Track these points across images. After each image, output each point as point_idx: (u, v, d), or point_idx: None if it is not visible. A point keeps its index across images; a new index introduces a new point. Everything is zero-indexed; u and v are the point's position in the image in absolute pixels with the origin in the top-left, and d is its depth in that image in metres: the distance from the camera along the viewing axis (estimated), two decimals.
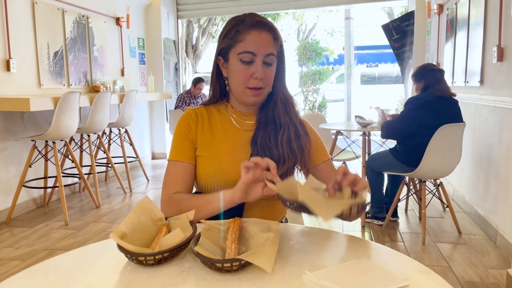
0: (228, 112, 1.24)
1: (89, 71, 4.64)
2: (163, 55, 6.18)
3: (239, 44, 1.13)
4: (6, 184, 3.48)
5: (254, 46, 1.12)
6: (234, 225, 0.90)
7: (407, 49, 5.67)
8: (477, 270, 2.46)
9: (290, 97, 1.24)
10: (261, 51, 1.12)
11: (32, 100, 3.05)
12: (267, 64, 1.14)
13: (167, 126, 6.24)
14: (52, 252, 2.79)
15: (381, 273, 0.78)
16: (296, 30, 13.20)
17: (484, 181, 3.17)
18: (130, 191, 4.39)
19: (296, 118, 1.22)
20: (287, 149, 1.15)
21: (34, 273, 0.83)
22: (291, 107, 1.22)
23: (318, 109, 9.97)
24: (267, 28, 1.14)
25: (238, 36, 1.14)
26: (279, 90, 1.21)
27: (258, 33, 1.13)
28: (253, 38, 1.13)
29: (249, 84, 1.14)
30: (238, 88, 1.17)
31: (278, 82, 1.21)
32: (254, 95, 1.16)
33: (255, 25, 1.13)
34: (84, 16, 4.53)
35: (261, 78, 1.13)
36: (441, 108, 2.87)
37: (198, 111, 1.25)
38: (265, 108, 1.21)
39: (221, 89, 1.24)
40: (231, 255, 0.80)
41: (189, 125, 1.22)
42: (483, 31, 3.18)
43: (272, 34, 1.15)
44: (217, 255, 0.83)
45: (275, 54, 1.16)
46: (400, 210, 3.52)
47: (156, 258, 0.82)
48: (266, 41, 1.14)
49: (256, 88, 1.15)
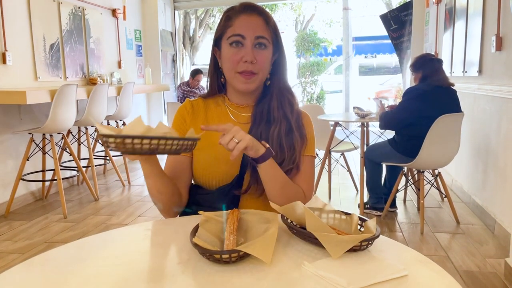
0: (225, 104, 1.22)
1: (86, 63, 4.61)
2: (160, 47, 6.14)
3: (229, 30, 1.12)
4: (4, 178, 3.48)
5: (242, 29, 1.10)
6: (232, 217, 0.90)
7: (405, 39, 5.65)
8: (475, 259, 2.47)
9: (288, 90, 1.20)
10: (250, 33, 1.10)
11: (28, 93, 3.03)
12: (259, 47, 1.11)
13: (165, 118, 6.23)
14: (51, 245, 2.80)
15: (380, 263, 0.78)
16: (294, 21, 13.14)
17: (482, 171, 3.18)
18: (129, 184, 4.38)
19: (292, 112, 1.18)
20: (276, 146, 1.14)
21: (32, 266, 0.82)
22: (286, 101, 1.18)
23: (317, 101, 9.95)
24: (256, 11, 1.12)
25: (228, 22, 1.13)
26: (276, 83, 1.18)
27: (247, 16, 1.12)
28: (241, 22, 1.11)
29: (239, 68, 1.11)
30: (229, 74, 1.14)
31: (275, 75, 1.18)
32: (245, 82, 1.12)
33: (244, 9, 1.12)
34: (80, 7, 4.49)
35: (251, 61, 1.09)
36: (440, 98, 2.86)
37: (195, 103, 1.24)
38: (262, 102, 1.19)
39: (219, 81, 1.23)
40: (230, 246, 0.80)
41: (184, 119, 1.22)
42: (482, 21, 3.16)
43: (263, 17, 1.12)
44: (216, 247, 0.82)
45: (268, 39, 1.12)
46: (399, 200, 3.53)
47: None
48: (255, 23, 1.11)
49: (246, 72, 1.11)
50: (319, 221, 0.85)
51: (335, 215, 0.94)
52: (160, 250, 0.91)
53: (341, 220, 0.93)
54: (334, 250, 0.80)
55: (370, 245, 0.84)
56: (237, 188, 1.15)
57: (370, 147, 3.33)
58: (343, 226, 0.92)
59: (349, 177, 4.08)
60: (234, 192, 1.14)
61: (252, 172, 1.13)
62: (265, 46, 1.12)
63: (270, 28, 1.13)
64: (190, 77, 5.70)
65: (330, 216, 0.94)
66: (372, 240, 0.84)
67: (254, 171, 1.12)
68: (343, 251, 0.80)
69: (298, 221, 0.91)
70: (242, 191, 1.15)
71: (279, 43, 1.17)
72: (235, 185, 1.14)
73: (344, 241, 0.81)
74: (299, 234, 0.89)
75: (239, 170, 1.14)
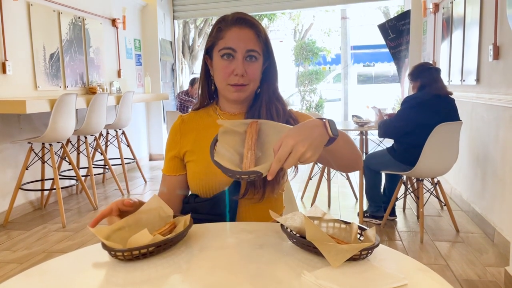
0: (216, 114, 1.24)
1: (86, 72, 4.63)
2: (160, 56, 6.17)
3: (221, 41, 1.13)
4: (3, 187, 3.47)
5: (233, 42, 1.12)
6: (250, 130, 0.90)
7: (403, 48, 5.69)
8: (475, 268, 2.47)
9: (276, 98, 1.21)
10: (241, 47, 1.12)
11: (28, 102, 3.04)
12: (250, 60, 1.13)
13: (164, 127, 6.23)
14: (49, 255, 2.78)
15: (380, 272, 0.78)
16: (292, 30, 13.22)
17: (481, 179, 3.18)
18: (128, 193, 4.38)
19: (281, 116, 1.18)
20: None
21: (31, 276, 0.82)
22: (273, 108, 1.19)
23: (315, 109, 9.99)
24: (248, 24, 1.14)
25: (220, 33, 1.14)
26: (266, 90, 1.20)
27: (238, 29, 1.13)
28: (233, 35, 1.12)
29: (230, 80, 1.13)
30: (220, 85, 1.17)
31: (265, 83, 1.20)
32: (236, 91, 1.14)
33: (235, 22, 1.13)
34: (80, 17, 4.51)
35: (241, 74, 1.12)
36: (438, 107, 2.87)
37: (186, 118, 1.26)
38: (252, 110, 1.21)
39: (210, 88, 1.24)
40: (247, 164, 0.82)
41: (175, 139, 1.23)
42: (479, 30, 3.19)
43: (254, 31, 1.14)
44: (235, 162, 0.84)
45: (258, 51, 1.14)
46: (398, 209, 3.53)
47: (125, 255, 0.83)
48: (247, 37, 1.13)
49: (237, 85, 1.13)
50: (318, 230, 0.85)
51: (334, 224, 0.94)
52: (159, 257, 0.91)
53: (340, 229, 0.93)
54: (334, 259, 0.80)
55: (370, 254, 0.84)
56: (235, 193, 1.15)
57: (369, 155, 3.34)
58: (343, 235, 0.92)
59: (349, 186, 4.08)
60: (232, 197, 1.15)
61: None
62: (256, 59, 1.14)
63: (260, 41, 1.15)
64: (190, 86, 5.72)
65: (330, 225, 0.95)
66: (372, 249, 0.84)
67: None
68: (343, 260, 0.80)
69: (298, 230, 0.91)
70: (240, 196, 1.15)
71: (270, 52, 1.19)
72: (233, 190, 1.15)
73: (344, 250, 0.81)
74: (298, 243, 0.89)
75: None
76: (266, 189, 1.15)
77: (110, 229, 0.89)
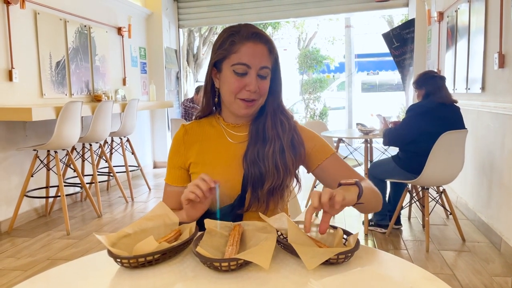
0: (220, 125, 1.23)
1: (91, 80, 4.66)
2: (165, 64, 6.20)
3: (234, 56, 1.11)
4: (8, 194, 3.48)
5: (248, 58, 1.10)
6: (234, 232, 0.93)
7: (407, 56, 5.69)
8: (482, 277, 2.44)
9: (281, 111, 1.21)
10: (256, 63, 1.11)
11: (34, 110, 3.06)
12: (261, 77, 1.13)
13: (169, 134, 6.25)
14: (53, 262, 2.78)
15: (387, 281, 0.78)
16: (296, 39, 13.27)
17: (487, 188, 3.16)
18: (132, 200, 4.38)
19: (284, 132, 1.18)
20: (272, 165, 1.14)
21: (35, 283, 0.82)
22: (278, 121, 1.18)
23: (320, 117, 9.99)
24: (263, 40, 1.13)
25: (233, 47, 1.12)
26: (271, 102, 1.20)
27: (253, 45, 1.11)
28: (248, 50, 1.11)
29: (241, 95, 1.13)
30: (229, 98, 1.15)
31: (270, 95, 1.19)
32: (246, 107, 1.14)
33: (251, 37, 1.12)
34: (86, 26, 4.55)
35: (254, 91, 1.11)
36: (443, 115, 2.87)
37: (189, 128, 1.25)
38: (257, 121, 1.20)
39: (213, 100, 1.23)
40: (228, 256, 0.83)
41: (179, 149, 1.23)
42: (484, 38, 3.19)
43: (268, 47, 1.14)
44: (217, 256, 0.85)
45: (270, 67, 1.14)
46: (403, 217, 3.50)
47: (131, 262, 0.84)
48: (261, 53, 1.12)
49: (249, 100, 1.13)
50: (300, 233, 0.89)
51: None
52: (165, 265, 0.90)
53: (328, 234, 0.97)
54: (310, 262, 0.82)
55: (347, 258, 0.86)
56: (240, 207, 1.15)
57: (374, 163, 3.32)
58: (330, 239, 0.95)
59: None
60: (236, 211, 1.15)
61: (252, 191, 1.14)
62: (267, 75, 1.15)
63: (272, 57, 1.15)
64: (195, 93, 5.75)
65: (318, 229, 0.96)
66: (350, 254, 0.86)
67: (254, 190, 1.14)
68: (318, 263, 0.82)
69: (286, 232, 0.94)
70: (245, 210, 1.16)
71: (278, 67, 1.19)
72: (237, 205, 1.15)
73: (320, 253, 0.84)
74: (286, 248, 0.92)
75: (241, 190, 1.15)
76: (269, 203, 1.16)
77: (115, 236, 0.89)
